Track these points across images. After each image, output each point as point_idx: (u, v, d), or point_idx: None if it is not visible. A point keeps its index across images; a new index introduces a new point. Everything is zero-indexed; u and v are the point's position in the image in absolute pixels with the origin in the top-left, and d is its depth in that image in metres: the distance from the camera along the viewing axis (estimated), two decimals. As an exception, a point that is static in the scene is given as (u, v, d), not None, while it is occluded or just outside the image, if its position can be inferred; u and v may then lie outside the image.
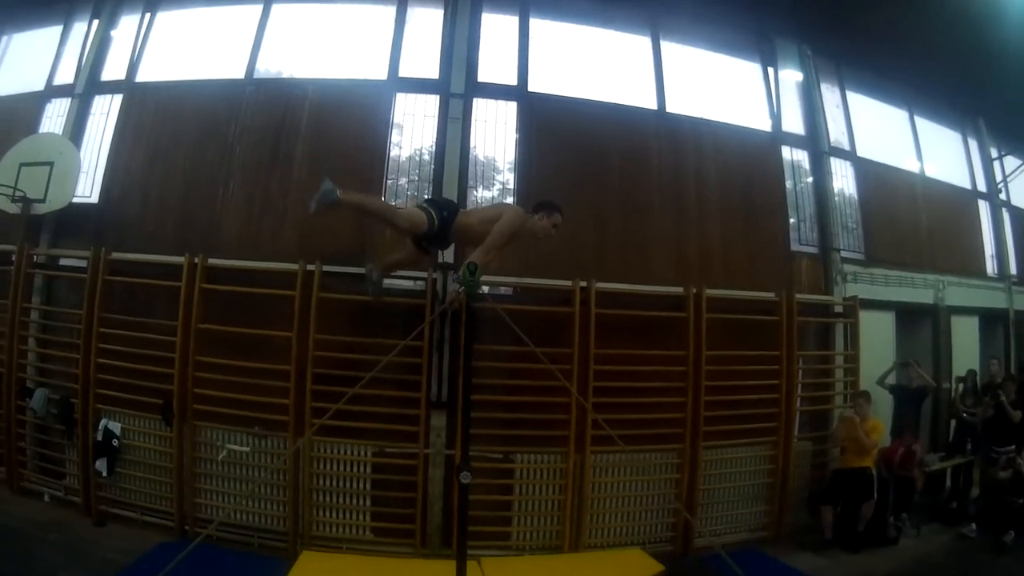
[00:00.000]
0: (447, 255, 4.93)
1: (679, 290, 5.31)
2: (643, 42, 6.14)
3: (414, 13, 5.75)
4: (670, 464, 5.21)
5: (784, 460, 5.46)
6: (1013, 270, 8.12)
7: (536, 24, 5.90)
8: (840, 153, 6.68)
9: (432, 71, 5.57)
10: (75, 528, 4.89)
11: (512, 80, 5.68)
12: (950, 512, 6.15)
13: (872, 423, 5.52)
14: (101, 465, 5.06)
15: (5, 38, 6.79)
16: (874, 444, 5.49)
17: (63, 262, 5.67)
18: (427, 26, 5.70)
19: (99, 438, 5.08)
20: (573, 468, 4.93)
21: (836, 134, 6.70)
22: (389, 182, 5.37)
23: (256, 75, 5.75)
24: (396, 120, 5.52)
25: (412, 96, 5.54)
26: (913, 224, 7.06)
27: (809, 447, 5.79)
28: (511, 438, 4.95)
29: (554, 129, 5.60)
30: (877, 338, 6.34)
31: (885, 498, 5.45)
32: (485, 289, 5.23)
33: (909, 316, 6.92)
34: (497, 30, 5.77)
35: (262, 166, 5.40)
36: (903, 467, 5.74)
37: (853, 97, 7.02)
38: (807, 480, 5.71)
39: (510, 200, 5.46)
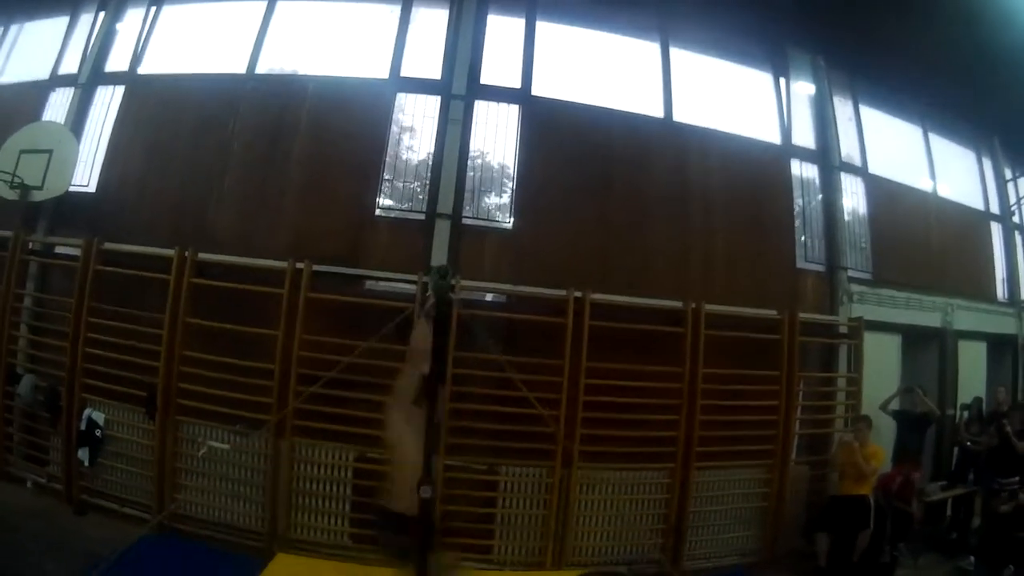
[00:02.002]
0: (441, 257, 4.84)
1: (678, 304, 5.18)
2: (652, 48, 6.01)
3: (418, 13, 5.67)
4: (660, 484, 5.07)
5: (779, 484, 5.32)
6: (1024, 295, 7.91)
7: (542, 27, 5.79)
8: (851, 169, 6.52)
9: (434, 72, 5.49)
10: (56, 516, 4.87)
11: (516, 83, 5.58)
12: (949, 543, 5.97)
13: (872, 449, 5.34)
14: (83, 455, 5.04)
15: (14, 27, 6.84)
16: (873, 471, 5.31)
17: (58, 250, 5.66)
18: (431, 26, 5.62)
19: (83, 427, 5.05)
20: (559, 483, 4.81)
21: (848, 149, 6.55)
22: (386, 183, 5.29)
23: (257, 71, 5.71)
24: (396, 120, 5.44)
25: (413, 96, 5.46)
26: (923, 244, 6.88)
27: (807, 471, 5.64)
28: (497, 449, 4.83)
29: (556, 134, 5.49)
30: (882, 361, 6.19)
31: (882, 527, 5.29)
32: (488, 297, 5.16)
33: (915, 339, 6.76)
34: (502, 32, 5.67)
35: (259, 162, 5.35)
36: (900, 497, 5.61)
37: (866, 111, 6.85)
38: (803, 505, 5.55)
39: (506, 203, 5.36)
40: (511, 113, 5.48)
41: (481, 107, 5.44)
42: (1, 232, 5.49)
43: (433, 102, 5.41)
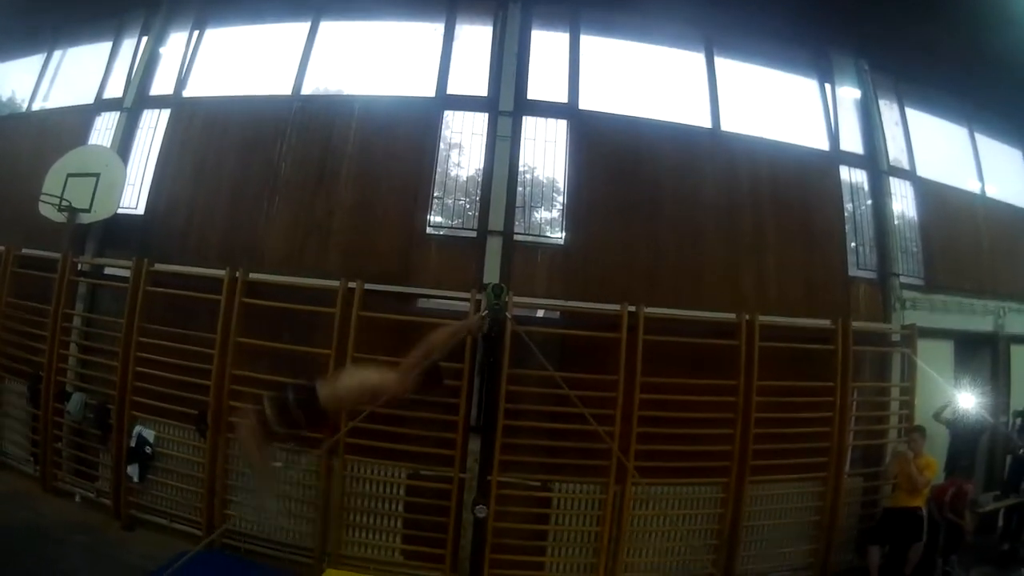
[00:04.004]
0: (493, 274, 4.82)
1: (731, 317, 5.10)
2: (697, 58, 5.96)
3: (462, 30, 5.68)
4: (714, 498, 5.00)
5: (833, 497, 5.21)
6: (1079, 296, 7.63)
7: (587, 41, 5.76)
8: (900, 173, 6.36)
9: (481, 88, 5.49)
10: (104, 530, 4.96)
11: (563, 98, 5.55)
12: (1002, 555, 5.77)
13: (925, 460, 5.21)
14: (133, 471, 5.12)
15: (58, 52, 6.97)
16: (926, 482, 5.19)
17: (107, 271, 5.74)
18: (476, 43, 5.63)
19: (132, 444, 5.12)
20: (612, 499, 4.77)
21: (895, 153, 6.39)
22: (436, 201, 5.28)
23: (303, 92, 5.74)
24: (444, 138, 5.45)
25: (460, 114, 5.47)
26: (974, 247, 6.68)
27: (860, 483, 5.51)
28: (551, 466, 4.82)
29: (605, 148, 5.46)
30: (935, 369, 5.98)
31: (934, 540, 5.19)
32: (540, 313, 5.13)
33: (968, 345, 6.55)
34: (547, 47, 5.65)
35: (307, 182, 5.38)
36: (953, 509, 5.46)
37: (912, 114, 6.70)
38: (856, 518, 5.44)
39: (557, 218, 5.29)
40: (559, 128, 5.45)
41: (529, 123, 5.41)
42: (50, 254, 5.59)
43: (481, 119, 5.41)
